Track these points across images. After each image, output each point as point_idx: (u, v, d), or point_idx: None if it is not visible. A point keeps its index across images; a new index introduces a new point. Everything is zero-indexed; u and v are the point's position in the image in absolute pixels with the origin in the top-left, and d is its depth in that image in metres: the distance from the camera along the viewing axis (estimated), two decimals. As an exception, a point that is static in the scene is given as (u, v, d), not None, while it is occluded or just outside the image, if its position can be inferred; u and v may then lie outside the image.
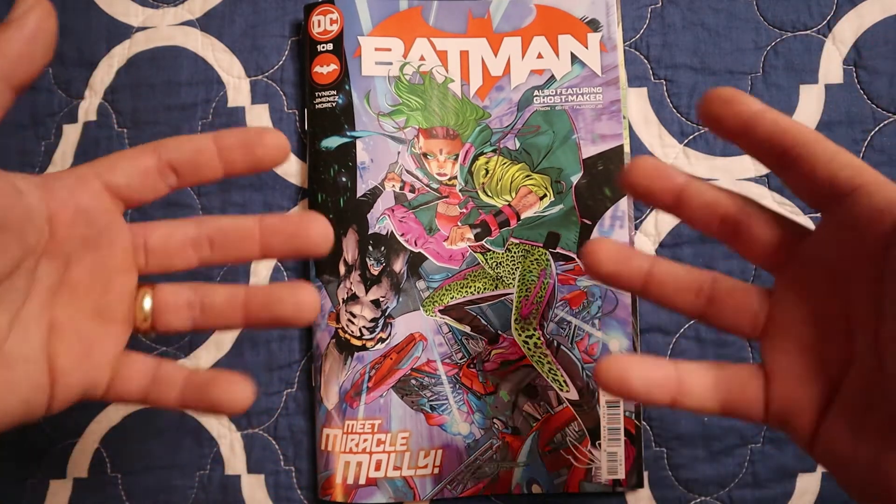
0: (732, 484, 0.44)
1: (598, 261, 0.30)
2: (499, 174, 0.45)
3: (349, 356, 0.44)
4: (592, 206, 0.45)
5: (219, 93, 0.48)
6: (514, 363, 0.44)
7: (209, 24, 0.49)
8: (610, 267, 0.30)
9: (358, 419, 0.44)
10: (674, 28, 0.46)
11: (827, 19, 0.46)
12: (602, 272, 0.30)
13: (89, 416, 0.47)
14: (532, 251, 0.45)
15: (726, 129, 0.28)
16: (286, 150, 0.31)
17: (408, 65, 0.46)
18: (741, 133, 0.28)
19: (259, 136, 0.30)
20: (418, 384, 0.44)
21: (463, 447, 0.44)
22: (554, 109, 0.45)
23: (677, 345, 0.45)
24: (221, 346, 0.47)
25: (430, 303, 0.45)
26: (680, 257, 0.45)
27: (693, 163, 0.46)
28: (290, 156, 0.31)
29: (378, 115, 0.45)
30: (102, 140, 0.48)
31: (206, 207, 0.47)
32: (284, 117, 0.48)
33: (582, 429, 0.44)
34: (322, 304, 0.45)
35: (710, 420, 0.44)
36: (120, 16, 0.49)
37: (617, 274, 0.30)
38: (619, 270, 0.30)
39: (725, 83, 0.46)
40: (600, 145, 0.45)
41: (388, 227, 0.45)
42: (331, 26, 0.46)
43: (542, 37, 0.46)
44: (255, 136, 0.30)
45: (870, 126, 0.45)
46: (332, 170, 0.45)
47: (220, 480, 0.46)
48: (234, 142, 0.30)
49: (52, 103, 0.49)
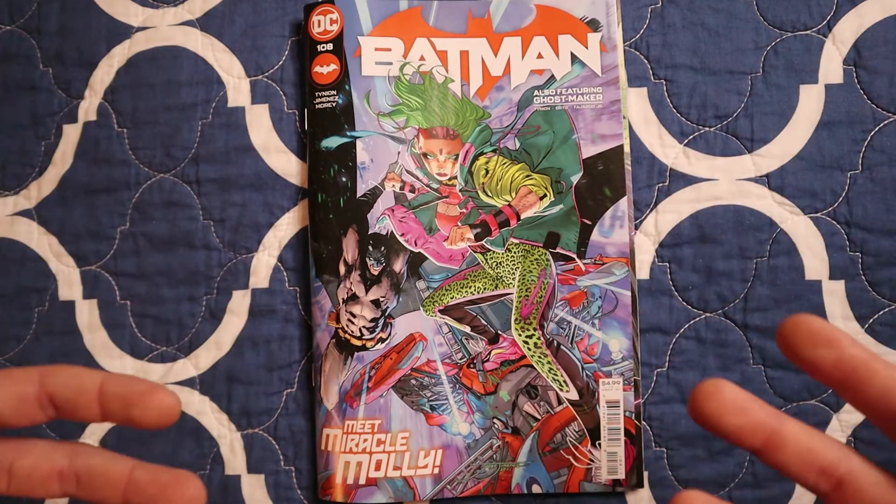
0: (732, 484, 0.44)
1: (717, 410, 0.24)
2: (499, 174, 0.45)
3: (349, 356, 0.44)
4: (592, 206, 0.45)
5: (219, 93, 0.48)
6: (514, 363, 0.44)
7: (209, 24, 0.49)
8: (732, 420, 0.24)
9: (358, 419, 0.44)
10: (674, 28, 0.46)
11: (827, 19, 0.46)
12: (722, 425, 0.24)
13: (89, 416, 0.47)
14: (532, 251, 0.45)
15: (824, 375, 0.23)
16: (172, 416, 0.29)
17: (408, 65, 0.46)
18: (841, 382, 0.23)
19: (143, 396, 0.28)
20: (418, 384, 0.44)
21: (463, 447, 0.44)
22: (554, 109, 0.45)
23: (677, 345, 0.45)
24: (221, 346, 0.47)
25: (430, 303, 0.45)
26: (680, 257, 0.45)
27: (693, 163, 0.46)
28: (179, 413, 0.30)
29: (378, 115, 0.45)
30: (102, 140, 0.48)
31: (206, 207, 0.47)
32: (284, 117, 0.48)
33: (582, 429, 0.44)
34: (322, 303, 0.45)
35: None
36: (120, 16, 0.49)
37: (738, 429, 0.24)
38: (741, 424, 0.24)
39: (725, 83, 0.46)
40: (600, 145, 0.45)
41: (388, 227, 0.45)
42: (331, 26, 0.46)
43: (542, 37, 0.46)
44: (138, 395, 0.28)
45: (870, 126, 0.45)
46: (332, 170, 0.45)
47: (220, 480, 0.46)
48: (116, 393, 0.29)
49: (52, 103, 0.49)
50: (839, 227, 0.44)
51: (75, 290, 0.48)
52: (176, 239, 0.48)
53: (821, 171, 0.45)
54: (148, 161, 0.48)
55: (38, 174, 0.49)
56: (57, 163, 0.49)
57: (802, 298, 0.44)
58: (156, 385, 0.29)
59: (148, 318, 0.48)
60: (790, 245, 0.45)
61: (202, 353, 0.47)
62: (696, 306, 0.45)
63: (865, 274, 0.44)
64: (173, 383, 0.47)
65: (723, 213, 0.45)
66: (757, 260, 0.45)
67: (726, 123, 0.46)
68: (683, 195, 0.45)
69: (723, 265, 0.45)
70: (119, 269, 0.48)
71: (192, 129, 0.48)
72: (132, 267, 0.48)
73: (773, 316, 0.44)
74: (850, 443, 0.44)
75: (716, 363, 0.45)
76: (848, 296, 0.44)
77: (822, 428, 0.44)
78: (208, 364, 0.47)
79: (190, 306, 0.47)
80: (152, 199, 0.48)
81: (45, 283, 0.48)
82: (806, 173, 0.45)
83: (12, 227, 0.49)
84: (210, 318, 0.47)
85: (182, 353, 0.47)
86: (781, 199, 0.45)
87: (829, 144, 0.45)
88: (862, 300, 0.44)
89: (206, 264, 0.47)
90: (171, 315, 0.47)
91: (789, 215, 0.45)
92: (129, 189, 0.48)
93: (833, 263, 0.44)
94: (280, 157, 0.47)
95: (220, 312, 0.47)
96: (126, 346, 0.47)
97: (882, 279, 0.44)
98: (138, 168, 0.48)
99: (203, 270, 0.47)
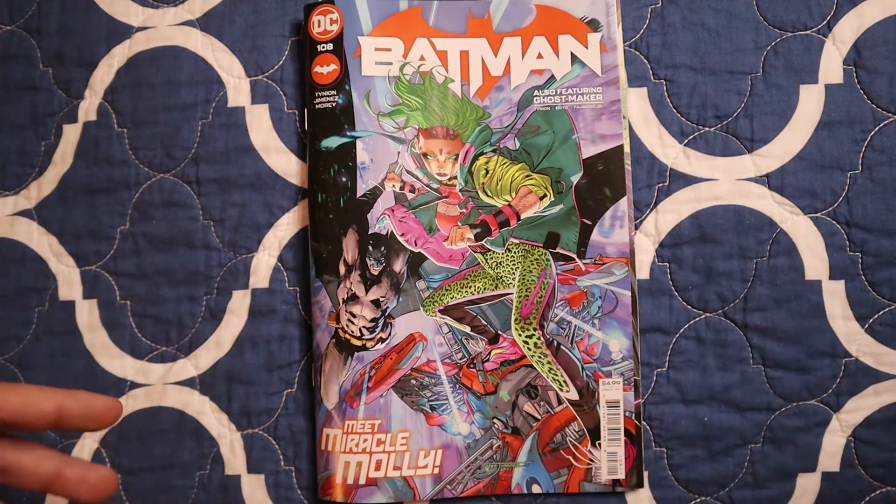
0: (732, 484, 0.44)
1: None
2: (499, 174, 0.45)
3: (349, 356, 0.44)
4: (592, 206, 0.45)
5: (219, 93, 0.48)
6: (514, 363, 0.44)
7: (209, 24, 0.49)
8: None
9: (358, 419, 0.44)
10: (674, 28, 0.46)
11: (827, 19, 0.46)
12: None
13: (89, 416, 0.47)
14: (532, 251, 0.45)
15: None
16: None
17: (408, 65, 0.46)
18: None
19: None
20: (418, 384, 0.44)
21: (463, 447, 0.44)
22: (554, 109, 0.45)
23: (677, 345, 0.45)
24: (221, 346, 0.47)
25: (430, 303, 0.45)
26: (680, 257, 0.45)
27: (693, 163, 0.46)
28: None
29: (378, 115, 0.45)
30: (102, 140, 0.48)
31: (206, 207, 0.47)
32: (284, 117, 0.48)
33: (582, 429, 0.44)
34: (322, 304, 0.45)
35: (710, 420, 0.44)
36: (120, 16, 0.49)
37: None
38: None
39: (725, 83, 0.46)
40: (600, 145, 0.45)
41: (388, 227, 0.45)
42: (331, 26, 0.46)
43: (542, 37, 0.46)
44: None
45: (870, 126, 0.45)
46: (332, 170, 0.45)
47: (220, 480, 0.46)
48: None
49: (52, 103, 0.49)
50: (839, 227, 0.44)
51: (75, 290, 0.48)
52: (176, 239, 0.48)
53: (821, 171, 0.45)
54: (148, 161, 0.48)
55: (38, 174, 0.49)
56: (57, 163, 0.49)
57: (802, 298, 0.44)
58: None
59: (148, 318, 0.48)
60: (790, 245, 0.45)
61: (202, 353, 0.47)
62: (696, 306, 0.45)
63: (865, 274, 0.44)
64: (173, 383, 0.47)
65: (723, 213, 0.45)
66: (757, 260, 0.45)
67: (726, 123, 0.46)
68: (683, 195, 0.45)
69: (723, 265, 0.45)
70: (119, 269, 0.48)
71: (192, 129, 0.48)
72: (132, 267, 0.48)
73: (773, 316, 0.44)
74: (850, 443, 0.44)
75: (716, 363, 0.45)
76: (848, 296, 0.44)
77: (822, 428, 0.44)
78: (208, 364, 0.47)
79: (190, 306, 0.47)
80: (152, 199, 0.48)
81: (45, 283, 0.48)
82: (806, 173, 0.45)
83: (12, 227, 0.49)
84: (210, 318, 0.47)
85: (182, 353, 0.47)
86: (781, 199, 0.45)
87: (829, 144, 0.45)
88: (862, 300, 0.44)
89: (206, 264, 0.47)
90: (171, 315, 0.47)
91: (789, 215, 0.45)
92: (129, 189, 0.48)
93: (833, 263, 0.44)
94: (280, 157, 0.47)
95: (220, 312, 0.47)
96: (126, 346, 0.47)
97: (882, 279, 0.44)
98: (138, 168, 0.48)
99: (203, 270, 0.47)
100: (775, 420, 0.44)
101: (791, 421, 0.44)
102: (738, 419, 0.44)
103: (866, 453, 0.44)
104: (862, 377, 0.44)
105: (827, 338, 0.44)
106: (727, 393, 0.44)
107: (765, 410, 0.44)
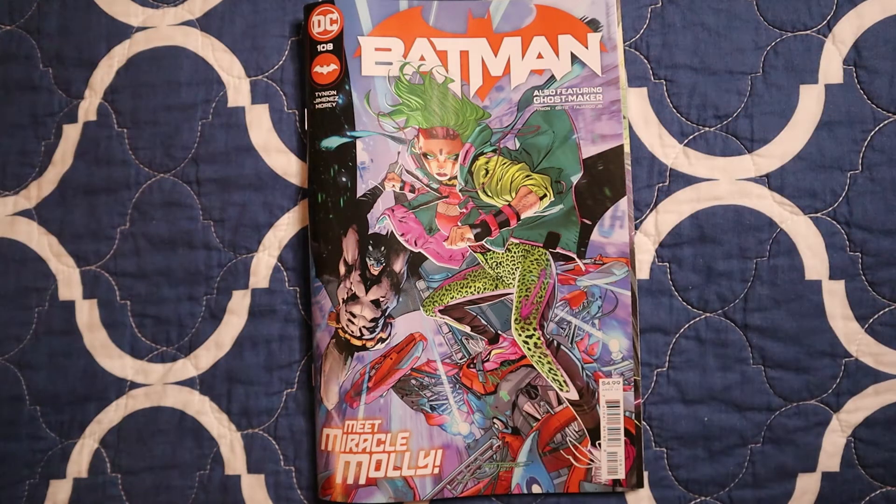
0: (732, 484, 0.44)
1: None
2: (499, 174, 0.45)
3: (349, 356, 0.44)
4: (592, 206, 0.45)
5: (219, 93, 0.48)
6: (514, 363, 0.44)
7: (209, 24, 0.49)
8: None
9: (358, 419, 0.44)
10: (674, 28, 0.46)
11: (827, 19, 0.46)
12: None
13: (89, 416, 0.47)
14: (532, 251, 0.45)
15: None
16: None
17: (408, 65, 0.46)
18: None
19: None
20: (418, 384, 0.44)
21: (463, 447, 0.44)
22: (554, 109, 0.45)
23: (677, 345, 0.45)
24: (221, 346, 0.47)
25: (430, 303, 0.45)
26: (680, 257, 0.45)
27: (693, 163, 0.46)
28: None
29: (378, 115, 0.45)
30: (102, 140, 0.48)
31: (206, 207, 0.47)
32: (284, 117, 0.48)
33: (582, 429, 0.44)
34: (322, 304, 0.45)
35: (710, 420, 0.44)
36: (120, 16, 0.49)
37: None
38: None
39: (725, 83, 0.46)
40: (600, 145, 0.45)
41: (388, 227, 0.45)
42: (331, 26, 0.46)
43: (542, 37, 0.46)
44: None
45: (870, 126, 0.45)
46: (332, 170, 0.45)
47: (220, 480, 0.46)
48: None
49: (52, 103, 0.49)
50: (839, 227, 0.44)
51: (75, 290, 0.48)
52: (176, 239, 0.48)
53: (821, 171, 0.45)
54: (148, 161, 0.48)
55: (38, 174, 0.49)
56: (57, 163, 0.49)
57: (802, 298, 0.44)
58: None
59: (148, 318, 0.48)
60: (790, 245, 0.45)
61: (202, 353, 0.47)
62: (696, 306, 0.45)
63: (865, 274, 0.44)
64: (173, 383, 0.47)
65: (723, 213, 0.45)
66: (757, 260, 0.45)
67: (726, 123, 0.46)
68: (683, 195, 0.45)
69: (723, 265, 0.45)
70: (119, 269, 0.48)
71: (192, 129, 0.48)
72: (132, 267, 0.48)
73: (773, 316, 0.44)
74: (850, 443, 0.44)
75: (716, 363, 0.45)
76: (848, 296, 0.44)
77: (822, 428, 0.44)
78: (208, 364, 0.47)
79: (190, 306, 0.47)
80: (152, 199, 0.48)
81: (45, 283, 0.48)
82: (806, 173, 0.45)
83: (12, 227, 0.49)
84: (210, 318, 0.47)
85: (182, 353, 0.47)
86: (781, 199, 0.45)
87: (829, 144, 0.45)
88: (862, 300, 0.44)
89: (206, 264, 0.47)
90: (171, 315, 0.47)
91: (789, 215, 0.45)
92: (129, 189, 0.48)
93: (833, 263, 0.44)
94: (280, 157, 0.47)
95: (220, 312, 0.47)
96: (126, 346, 0.47)
97: (882, 279, 0.44)
98: (138, 168, 0.48)
99: (203, 270, 0.47)
100: (775, 420, 0.44)
101: (791, 421, 0.44)
102: (738, 419, 0.44)
103: (866, 453, 0.44)
104: (862, 377, 0.44)
105: (827, 338, 0.44)
106: (727, 393, 0.44)
107: (765, 410, 0.44)
